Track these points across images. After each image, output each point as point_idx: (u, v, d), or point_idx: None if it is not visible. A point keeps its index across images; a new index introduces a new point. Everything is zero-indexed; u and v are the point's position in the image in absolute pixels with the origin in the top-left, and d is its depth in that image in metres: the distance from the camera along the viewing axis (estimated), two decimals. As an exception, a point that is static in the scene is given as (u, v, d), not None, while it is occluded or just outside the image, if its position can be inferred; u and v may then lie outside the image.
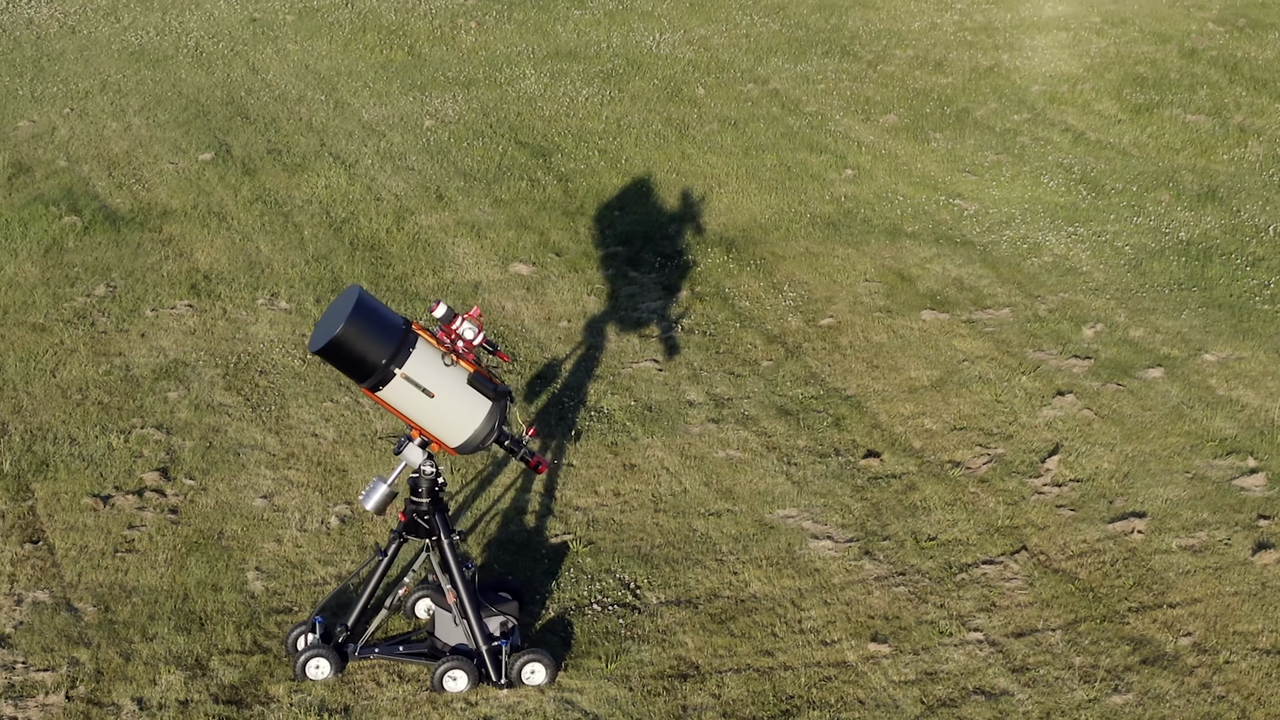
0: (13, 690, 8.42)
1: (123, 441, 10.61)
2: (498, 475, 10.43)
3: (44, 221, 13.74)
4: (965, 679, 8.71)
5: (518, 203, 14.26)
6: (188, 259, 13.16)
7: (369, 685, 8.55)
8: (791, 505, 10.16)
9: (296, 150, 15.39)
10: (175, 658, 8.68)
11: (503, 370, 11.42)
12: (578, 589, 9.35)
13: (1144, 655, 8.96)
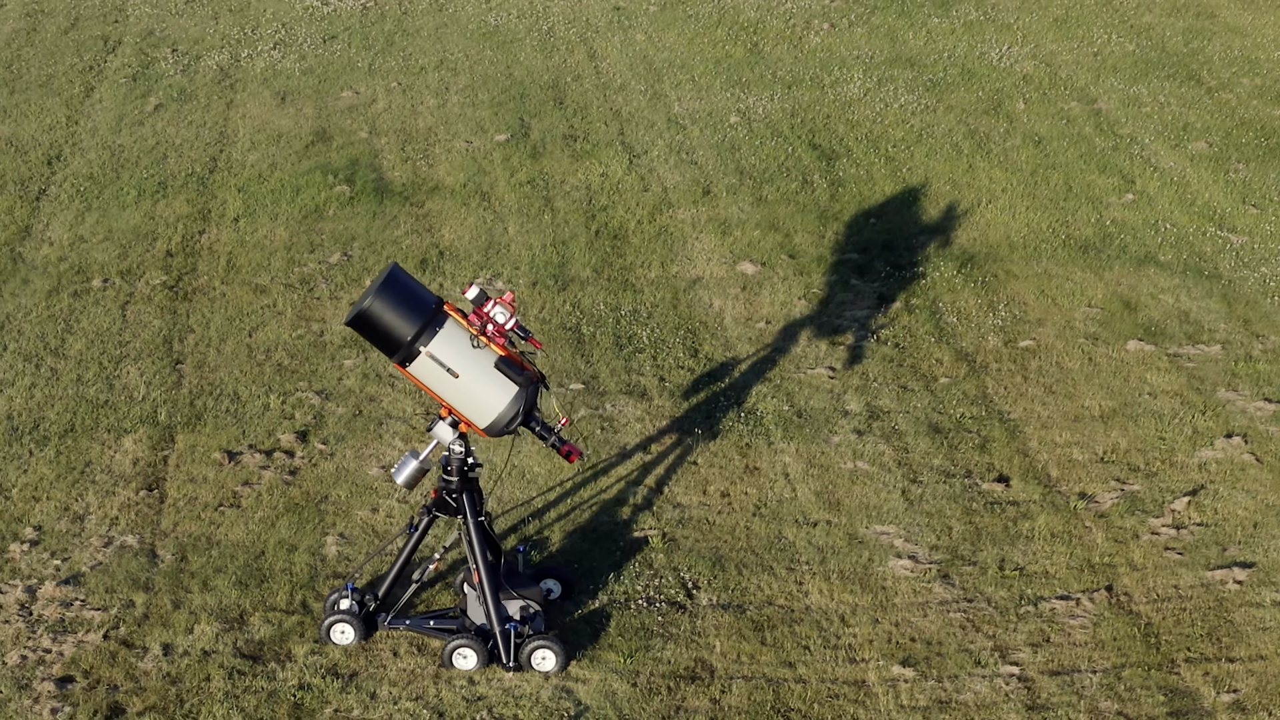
0: (60, 625, 9.58)
1: (280, 403, 11.81)
2: (614, 467, 11.15)
3: (316, 189, 15.22)
4: (976, 712, 9.00)
5: (779, 203, 14.95)
6: (433, 234, 14.45)
7: (386, 655, 9.36)
8: (893, 522, 10.56)
9: (591, 137, 16.53)
10: (220, 610, 9.71)
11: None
12: (635, 583, 9.97)
13: (1175, 707, 8.99)
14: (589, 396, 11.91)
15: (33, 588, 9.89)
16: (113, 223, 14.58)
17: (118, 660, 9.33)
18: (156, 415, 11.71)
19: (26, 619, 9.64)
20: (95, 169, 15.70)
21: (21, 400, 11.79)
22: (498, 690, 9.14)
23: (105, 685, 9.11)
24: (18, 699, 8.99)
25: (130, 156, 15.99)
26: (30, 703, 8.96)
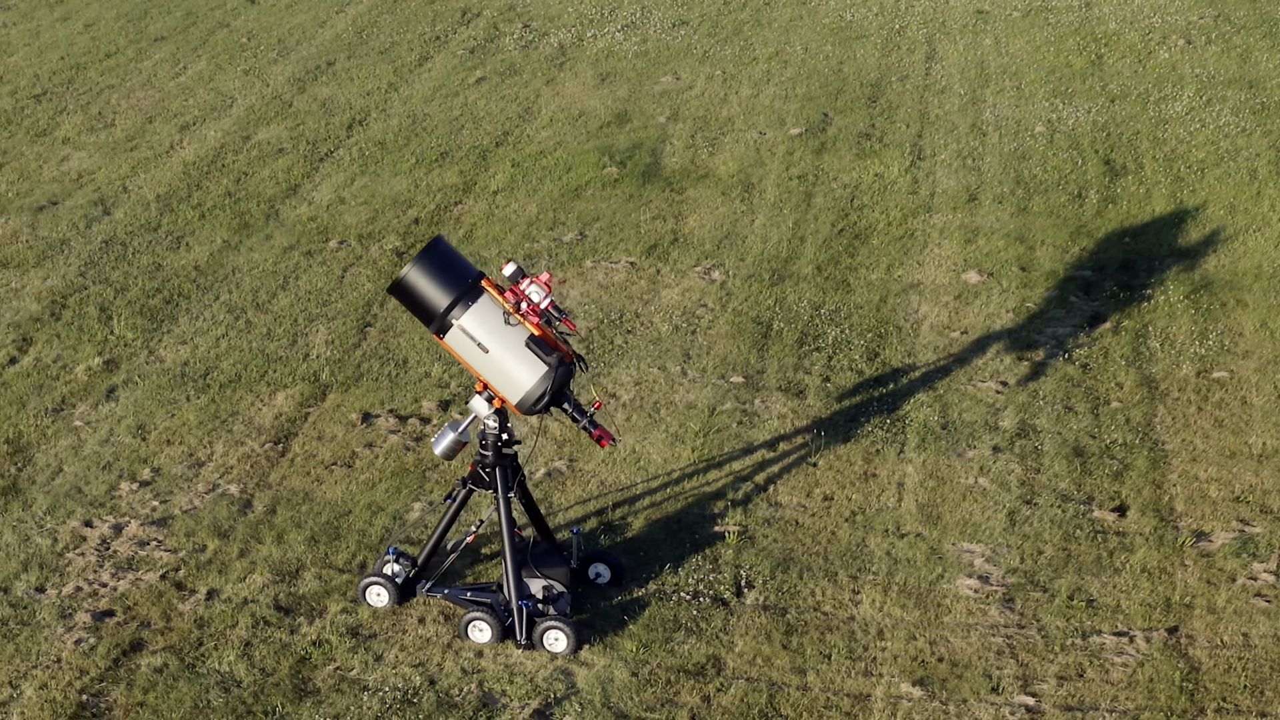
0: (127, 562, 10.29)
1: (441, 372, 12.37)
2: (730, 461, 11.27)
3: (586, 168, 15.74)
4: (964, 740, 8.86)
5: (1040, 215, 14.57)
6: (676, 221, 14.73)
7: (411, 621, 9.73)
8: (983, 542, 10.36)
9: (887, 137, 16.43)
10: (279, 563, 10.26)
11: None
12: (690, 576, 10.10)
13: (1174, 760, 8.88)
14: (743, 390, 12.11)
15: (121, 525, 10.66)
16: (378, 188, 15.55)
17: (160, 600, 9.98)
18: (319, 374, 12.43)
19: (100, 553, 10.40)
20: (389, 135, 16.73)
21: (205, 349, 12.75)
22: (499, 666, 9.41)
23: (138, 622, 9.77)
24: (52, 626, 9.73)
25: (428, 126, 16.96)
26: (61, 631, 9.68)
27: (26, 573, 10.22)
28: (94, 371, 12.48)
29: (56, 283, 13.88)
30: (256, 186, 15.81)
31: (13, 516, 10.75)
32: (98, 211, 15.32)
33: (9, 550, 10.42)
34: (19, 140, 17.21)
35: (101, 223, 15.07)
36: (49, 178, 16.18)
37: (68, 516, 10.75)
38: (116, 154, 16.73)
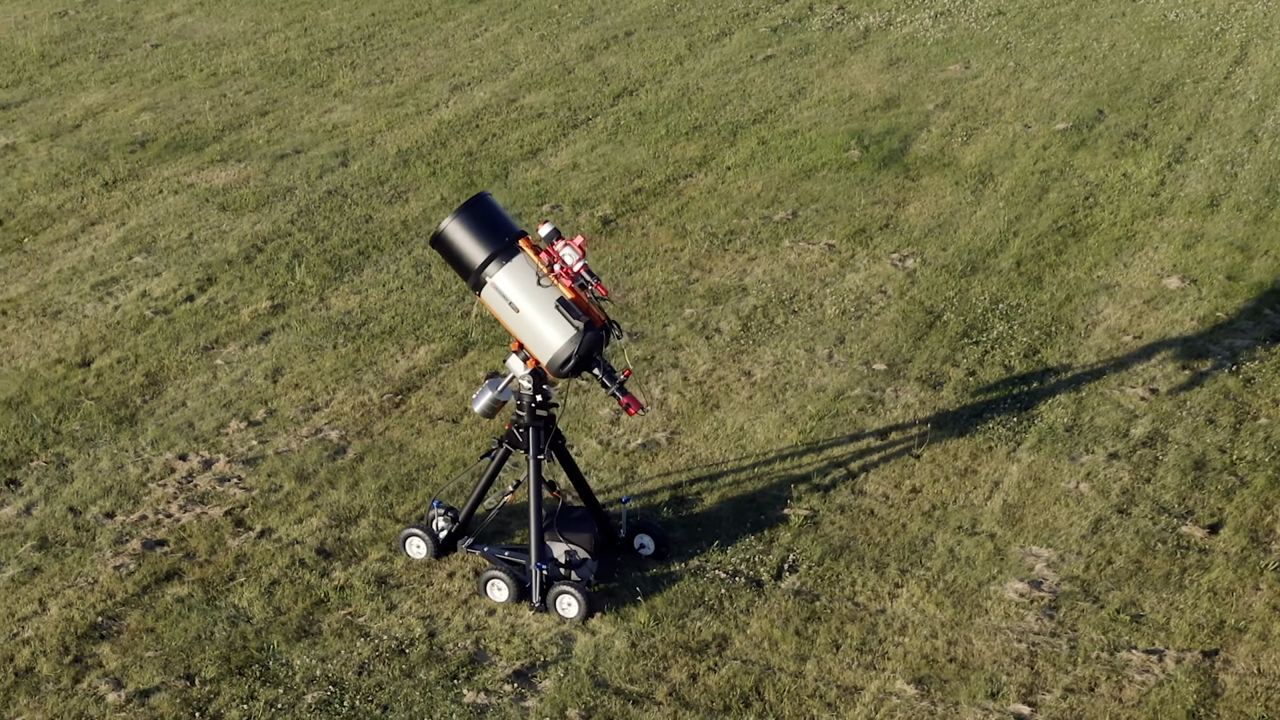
0: (201, 497, 10.70)
1: (618, 343, 12.72)
2: (832, 447, 11.09)
3: (828, 150, 15.59)
4: (939, 743, 8.53)
5: (1275, 225, 13.93)
6: (896, 207, 14.44)
7: (441, 575, 9.86)
8: (1056, 547, 9.93)
9: (1154, 137, 15.65)
10: (342, 509, 10.51)
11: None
12: (735, 555, 9.99)
13: (1149, 787, 8.38)
14: (880, 378, 11.90)
15: (212, 461, 11.10)
16: (615, 157, 15.77)
17: (213, 535, 10.35)
18: (470, 332, 12.74)
19: (180, 486, 10.85)
20: (652, 107, 16.90)
21: (373, 300, 13.13)
22: (505, 625, 9.48)
23: (183, 554, 10.16)
24: (103, 550, 10.19)
25: (695, 100, 17.05)
26: (110, 555, 10.13)
27: (104, 498, 10.74)
28: (258, 314, 13.05)
29: (264, 228, 14.55)
30: (498, 149, 16.23)
31: (117, 445, 11.32)
32: (335, 162, 15.99)
33: (98, 475, 10.98)
34: (294, 90, 18.08)
35: (334, 173, 15.72)
36: (304, 127, 16.96)
37: (168, 449, 11.26)
38: (379, 109, 17.41)
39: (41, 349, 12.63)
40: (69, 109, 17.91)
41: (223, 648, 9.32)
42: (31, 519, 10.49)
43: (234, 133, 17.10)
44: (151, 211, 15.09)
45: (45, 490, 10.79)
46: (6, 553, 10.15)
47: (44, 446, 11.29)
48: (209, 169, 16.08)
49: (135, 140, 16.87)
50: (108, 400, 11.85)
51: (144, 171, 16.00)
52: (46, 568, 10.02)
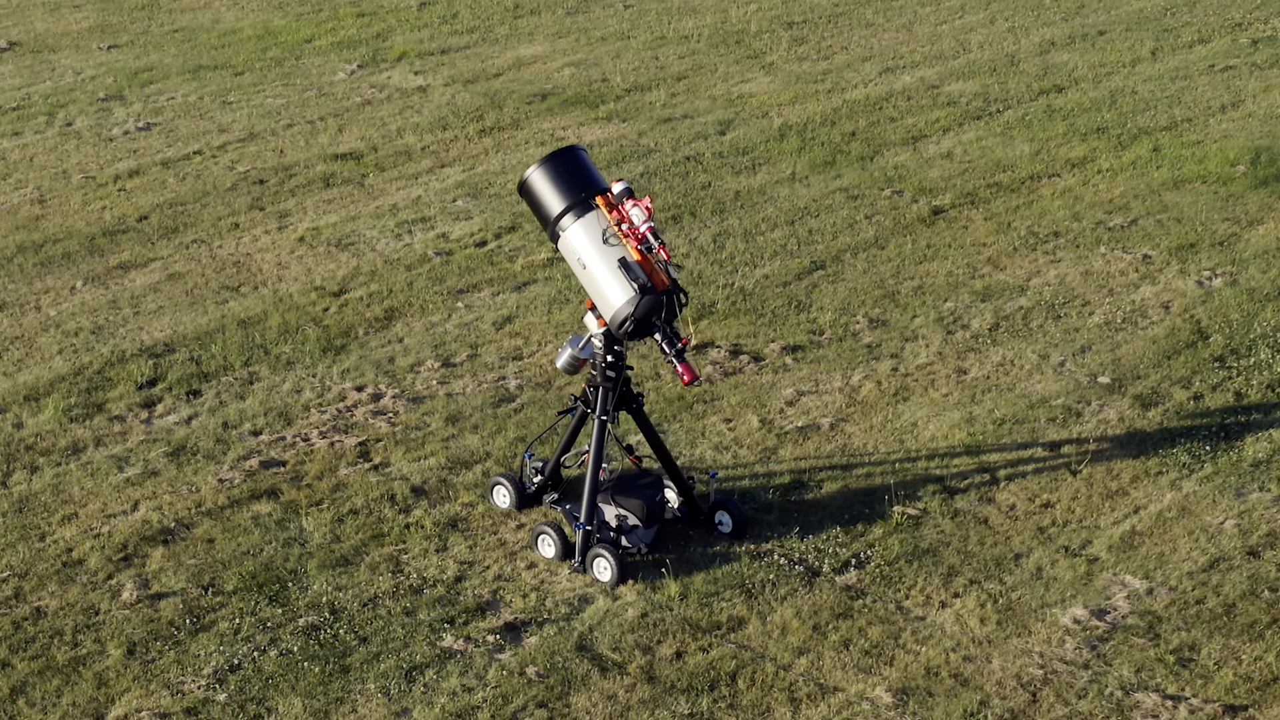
0: (352, 426, 11.15)
1: (833, 316, 12.45)
2: (993, 452, 10.68)
3: (1217, 162, 14.96)
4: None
5: None
6: (1245, 226, 13.65)
7: (509, 526, 10.04)
8: (1151, 580, 9.37)
9: None
10: (466, 454, 10.76)
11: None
12: (811, 543, 9.81)
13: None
14: (1096, 391, 11.31)
15: (380, 395, 11.61)
16: (997, 151, 15.36)
17: (332, 462, 10.82)
18: (716, 303, 12.83)
19: (337, 415, 11.37)
20: (1070, 105, 16.45)
21: (648, 265, 13.53)
22: (536, 578, 9.62)
23: (290, 476, 10.67)
24: (223, 464, 10.82)
25: (1122, 102, 16.48)
26: (224, 469, 10.74)
27: (261, 417, 11.41)
28: (530, 265, 13.49)
29: (603, 183, 15.07)
30: (882, 132, 16.18)
31: (311, 370, 11.99)
32: (713, 130, 16.28)
33: (270, 396, 11.66)
34: (725, 59, 18.49)
35: (704, 141, 16.03)
36: (709, 95, 17.34)
37: (352, 380, 11.83)
38: (796, 84, 17.59)
39: (310, 275, 13.48)
40: (501, 59, 18.85)
41: (257, 566, 9.80)
42: (183, 429, 11.27)
43: (637, 94, 17.64)
44: (504, 160, 15.79)
45: (216, 404, 11.56)
46: (139, 455, 10.94)
47: (245, 364, 12.07)
48: (588, 125, 16.66)
49: (539, 93, 17.62)
50: (335, 329, 12.55)
51: (526, 122, 16.72)
52: (163, 473, 10.75)
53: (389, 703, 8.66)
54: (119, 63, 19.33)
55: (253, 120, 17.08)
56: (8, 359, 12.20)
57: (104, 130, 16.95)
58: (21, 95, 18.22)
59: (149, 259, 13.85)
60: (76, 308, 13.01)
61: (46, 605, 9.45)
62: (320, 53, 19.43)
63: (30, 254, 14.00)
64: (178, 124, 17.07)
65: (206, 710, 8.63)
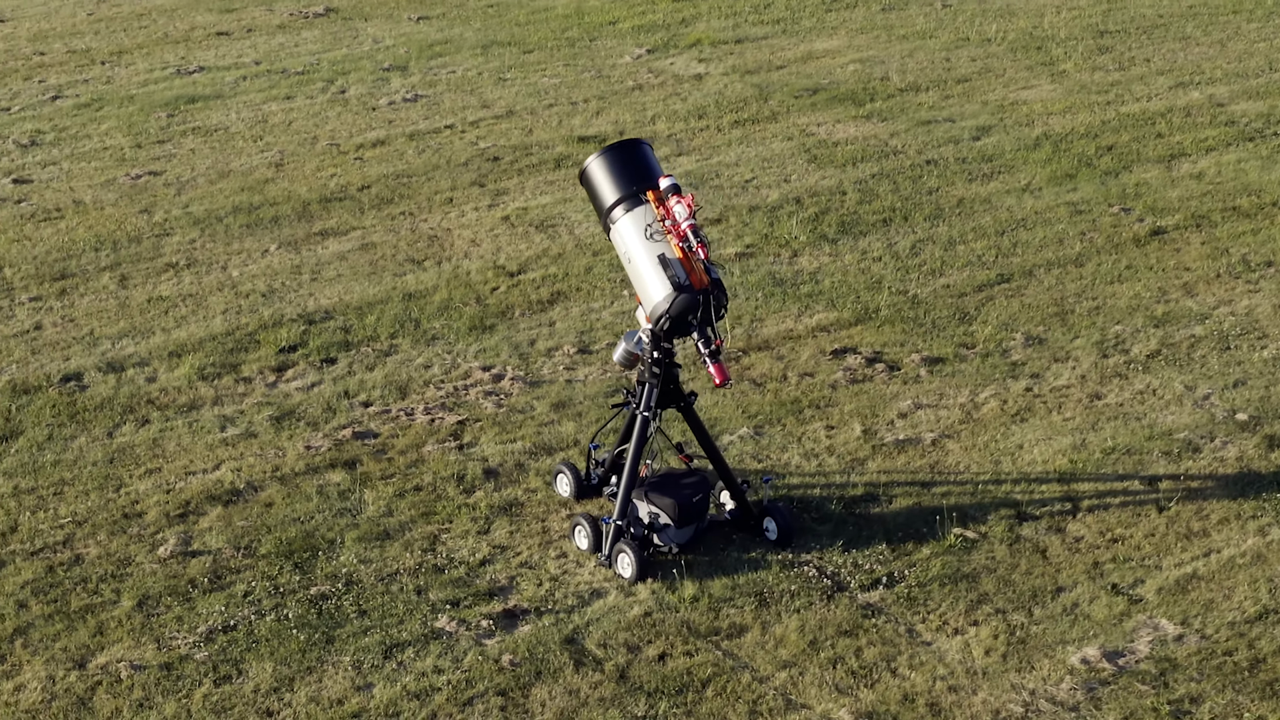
0: (459, 405, 11.37)
1: (991, 331, 12.24)
2: (1085, 481, 10.37)
3: None
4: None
5: None
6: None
7: (560, 515, 10.13)
8: (1189, 626, 8.99)
9: None
10: (553, 440, 10.90)
11: None
12: (850, 558, 9.68)
13: None
14: (1228, 428, 10.89)
15: (502, 375, 11.84)
16: (1254, 175, 14.83)
17: (421, 438, 11.05)
18: (878, 309, 12.74)
19: (452, 392, 11.60)
20: None
21: (830, 265, 13.39)
22: (558, 568, 9.74)
23: (376, 449, 10.94)
24: (320, 430, 11.18)
25: None
26: (318, 436, 11.09)
27: (381, 389, 11.72)
28: (722, 259, 13.57)
29: (824, 183, 14.98)
30: (1137, 148, 15.75)
31: (449, 347, 12.27)
32: (966, 135, 16.09)
33: (398, 369, 11.97)
34: (1015, 65, 18.40)
35: (953, 145, 15.85)
36: (981, 100, 17.20)
37: (483, 358, 12.07)
38: (1077, 94, 17.27)
39: (496, 255, 13.80)
40: (792, 51, 18.87)
41: (299, 533, 10.12)
42: (301, 395, 11.68)
43: (910, 94, 17.50)
44: (741, 153, 15.86)
45: (343, 373, 11.94)
46: (246, 417, 11.40)
47: (390, 337, 12.44)
48: (844, 122, 16.61)
49: (811, 87, 17.61)
50: (493, 308, 12.84)
51: (783, 117, 16.75)
52: (260, 435, 11.19)
53: (356, 676, 8.87)
54: (420, 34, 19.99)
55: (518, 98, 17.49)
56: (173, 315, 12.79)
57: (372, 100, 17.58)
58: (311, 60, 19.00)
59: (351, 228, 14.34)
60: (260, 270, 13.57)
61: (87, 553, 9.93)
62: (618, 35, 19.76)
63: (242, 215, 14.65)
64: (444, 98, 17.59)
65: (181, 666, 8.96)
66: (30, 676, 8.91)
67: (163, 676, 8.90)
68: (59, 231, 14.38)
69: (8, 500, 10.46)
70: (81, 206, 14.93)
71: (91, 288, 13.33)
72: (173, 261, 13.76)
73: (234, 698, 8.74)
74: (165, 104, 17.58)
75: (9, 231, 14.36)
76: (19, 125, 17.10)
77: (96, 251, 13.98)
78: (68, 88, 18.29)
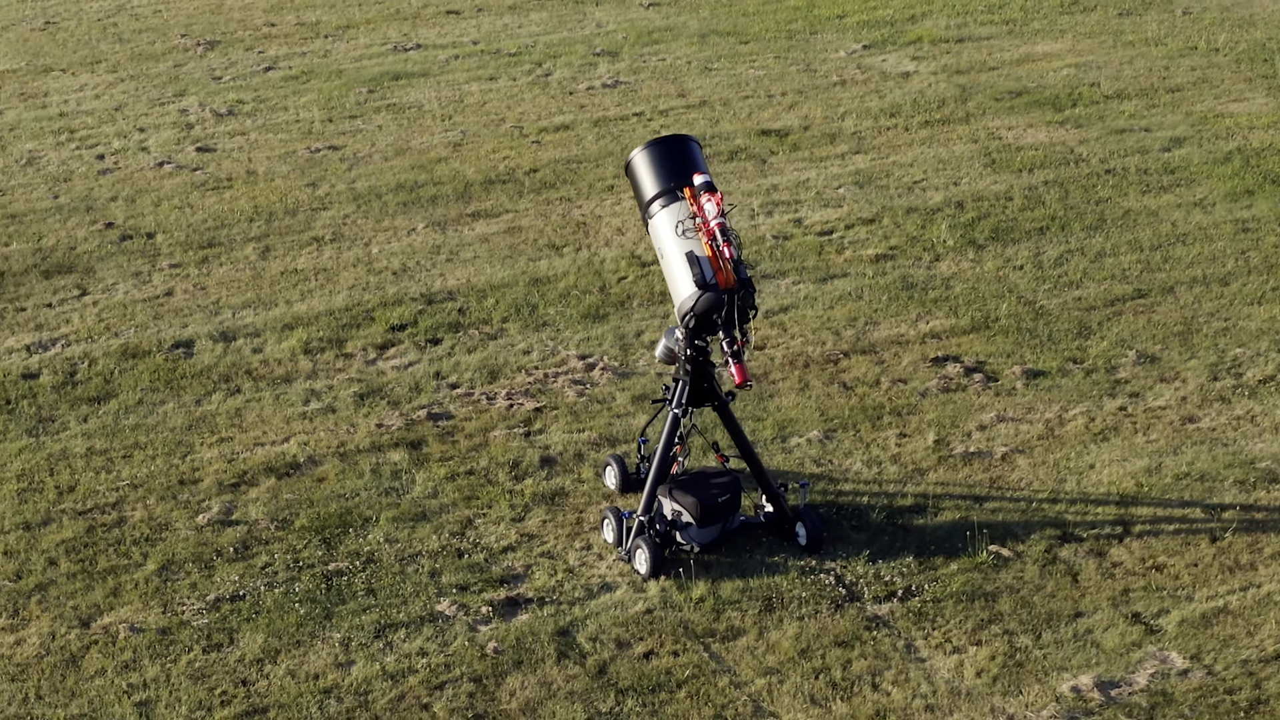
0: (541, 392, 11.51)
1: (1108, 348, 12.00)
2: (1144, 506, 10.15)
3: None
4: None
5: None
6: None
7: (595, 510, 10.17)
8: (1200, 660, 8.78)
9: None
10: (623, 434, 11.00)
11: None
12: (872, 568, 9.60)
13: None
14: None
15: (593, 365, 11.93)
16: None
17: (492, 423, 11.20)
18: (996, 317, 12.59)
19: (539, 379, 11.75)
20: None
21: (956, 270, 13.30)
22: (577, 559, 9.83)
23: (442, 433, 11.09)
24: (396, 410, 11.39)
25: None
26: (394, 415, 11.29)
27: (473, 371, 11.89)
28: (857, 260, 13.45)
29: (989, 187, 14.85)
30: (1278, 166, 15.36)
31: (556, 334, 12.41)
32: (1158, 146, 15.83)
33: (497, 353, 12.13)
34: (1237, 76, 18.00)
35: (1144, 155, 15.61)
36: (1188, 110, 16.92)
37: (584, 348, 12.21)
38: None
39: (637, 244, 13.90)
40: (1011, 53, 18.59)
41: (339, 509, 10.35)
42: (395, 373, 11.90)
43: (1114, 101, 17.13)
44: (919, 154, 15.71)
45: (443, 354, 12.14)
46: (332, 393, 11.67)
47: (502, 320, 12.60)
48: (1036, 127, 16.36)
49: (1015, 90, 17.36)
50: (614, 297, 12.95)
51: (976, 119, 16.52)
52: (339, 411, 11.44)
53: (341, 653, 9.07)
54: (644, 20, 20.13)
55: (716, 89, 17.53)
56: (300, 288, 13.15)
57: (572, 84, 17.77)
58: (528, 42, 19.26)
59: (504, 211, 14.56)
60: (400, 248, 13.85)
61: (131, 516, 10.29)
62: (841, 29, 19.64)
63: (403, 193, 14.95)
64: (643, 85, 17.70)
65: (177, 632, 9.25)
66: (34, 632, 9.26)
67: (156, 640, 9.18)
68: (222, 201, 14.84)
69: (77, 460, 10.84)
70: (253, 177, 15.38)
71: (232, 258, 13.74)
72: (319, 235, 14.10)
73: (216, 665, 8.99)
74: (370, 80, 17.99)
75: (174, 199, 14.86)
76: (223, 95, 17.65)
77: (250, 222, 14.39)
78: (283, 60, 18.82)
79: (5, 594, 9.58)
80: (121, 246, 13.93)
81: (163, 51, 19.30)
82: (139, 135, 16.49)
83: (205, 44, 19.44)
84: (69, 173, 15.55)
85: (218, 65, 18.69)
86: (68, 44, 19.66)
